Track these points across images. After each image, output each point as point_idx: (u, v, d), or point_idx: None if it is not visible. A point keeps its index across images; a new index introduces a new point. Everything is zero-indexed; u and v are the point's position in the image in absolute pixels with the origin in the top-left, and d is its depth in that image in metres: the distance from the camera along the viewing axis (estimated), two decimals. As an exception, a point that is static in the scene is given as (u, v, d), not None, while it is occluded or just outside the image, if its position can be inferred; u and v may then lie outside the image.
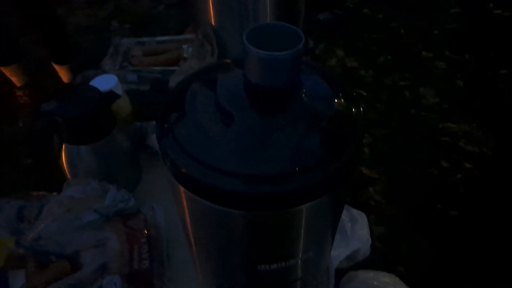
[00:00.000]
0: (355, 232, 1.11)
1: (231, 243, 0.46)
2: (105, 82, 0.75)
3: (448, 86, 1.81)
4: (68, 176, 0.73)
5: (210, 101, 0.43)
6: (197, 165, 0.39)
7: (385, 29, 2.13)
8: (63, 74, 1.54)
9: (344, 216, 1.11)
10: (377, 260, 1.25)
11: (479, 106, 1.73)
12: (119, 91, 0.75)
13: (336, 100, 0.42)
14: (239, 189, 0.38)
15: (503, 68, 1.88)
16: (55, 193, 0.74)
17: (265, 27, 0.39)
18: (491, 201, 1.38)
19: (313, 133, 0.40)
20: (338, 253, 1.07)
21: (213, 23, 0.77)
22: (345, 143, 0.40)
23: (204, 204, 0.41)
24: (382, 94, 1.79)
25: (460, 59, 1.95)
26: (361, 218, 1.12)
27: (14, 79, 1.57)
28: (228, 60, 0.52)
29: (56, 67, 1.56)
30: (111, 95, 0.69)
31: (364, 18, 2.21)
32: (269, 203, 0.39)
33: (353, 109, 0.43)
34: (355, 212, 1.12)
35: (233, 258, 0.48)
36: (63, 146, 0.70)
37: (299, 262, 0.49)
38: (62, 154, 0.71)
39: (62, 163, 0.72)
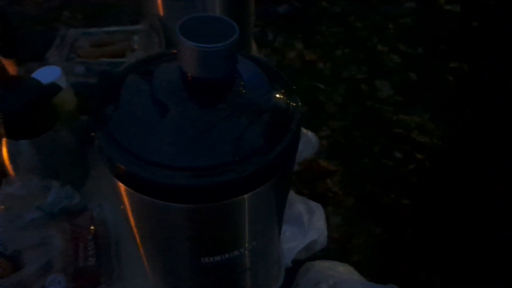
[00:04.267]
0: (312, 224, 1.14)
1: (173, 236, 0.45)
2: (48, 74, 0.72)
3: (401, 79, 1.88)
4: (10, 172, 0.70)
5: (147, 93, 0.42)
6: (134, 159, 0.38)
7: (343, 22, 2.16)
8: (10, 67, 1.46)
9: (302, 208, 1.12)
10: (333, 250, 1.28)
11: (431, 98, 1.80)
12: (63, 83, 0.72)
13: (273, 90, 0.43)
14: (178, 183, 0.38)
15: (452, 61, 1.96)
16: (-4, 190, 0.70)
17: (200, 18, 0.38)
18: (441, 190, 1.45)
19: (250, 123, 0.40)
20: (296, 244, 1.09)
21: (160, 13, 0.75)
22: (282, 132, 0.41)
23: (142, 198, 0.40)
24: (340, 87, 1.83)
25: (413, 52, 2.02)
26: (318, 210, 1.14)
27: None
28: (175, 51, 0.51)
29: (2, 60, 1.47)
30: (53, 88, 0.66)
31: (322, 11, 2.24)
32: (208, 195, 0.39)
33: (290, 97, 0.43)
34: (313, 204, 1.15)
35: (176, 252, 0.48)
36: (4, 140, 0.67)
37: (246, 252, 0.50)
38: (2, 149, 0.68)
39: (3, 158, 0.69)
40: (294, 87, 0.45)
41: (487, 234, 1.29)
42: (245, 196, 0.41)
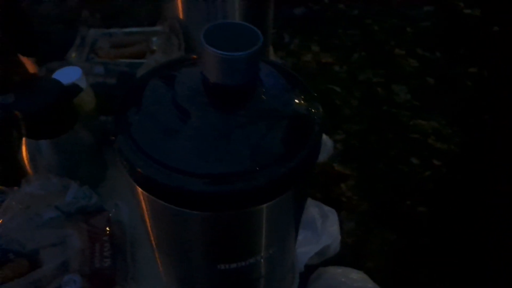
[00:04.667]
0: (326, 229, 1.13)
1: (189, 243, 0.45)
2: (68, 74, 0.73)
3: (419, 84, 1.85)
4: (29, 171, 0.71)
5: (168, 98, 0.42)
6: (154, 164, 0.38)
7: (360, 25, 2.15)
8: (30, 66, 1.49)
9: (315, 212, 1.12)
10: (346, 256, 1.27)
11: (449, 103, 1.77)
12: (83, 84, 0.73)
13: (294, 98, 0.42)
14: (199, 190, 0.37)
15: (472, 66, 1.93)
16: (16, 188, 0.71)
17: (224, 25, 0.38)
18: (458, 198, 1.42)
19: (271, 130, 0.39)
20: (309, 249, 1.08)
21: (180, 16, 0.75)
22: (304, 140, 0.40)
23: (162, 204, 0.40)
24: (355, 90, 1.81)
25: (431, 57, 1.99)
26: (332, 215, 1.13)
27: None
28: (195, 56, 0.51)
29: (23, 59, 1.50)
30: (73, 89, 0.67)
31: (339, 13, 2.22)
32: (229, 203, 0.39)
33: (312, 105, 0.43)
34: (326, 208, 1.14)
35: (193, 257, 0.48)
36: (23, 140, 0.68)
37: (261, 260, 0.49)
38: (22, 149, 0.69)
39: (22, 158, 0.70)
40: (316, 94, 0.45)
41: (506, 243, 1.27)
42: (263, 205, 0.41)
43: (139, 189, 0.42)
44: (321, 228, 1.13)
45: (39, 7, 2.09)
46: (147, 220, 0.48)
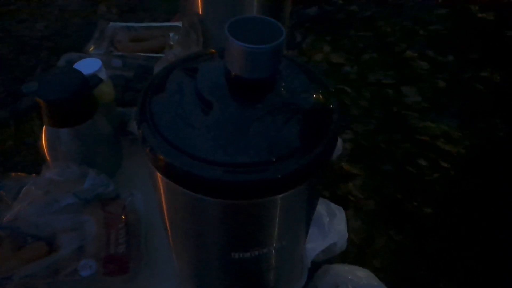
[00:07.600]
0: (333, 226, 1.13)
1: (206, 229, 0.47)
2: (89, 65, 0.74)
3: (429, 86, 1.85)
4: (48, 158, 0.73)
5: (190, 89, 0.43)
6: (176, 152, 0.40)
7: (372, 27, 2.15)
8: None
9: (323, 210, 1.13)
10: (352, 254, 1.28)
11: (459, 106, 1.77)
12: (103, 75, 0.74)
13: (313, 92, 0.43)
14: (217, 177, 0.39)
15: (484, 70, 1.93)
16: (34, 175, 0.73)
17: (247, 19, 0.39)
18: (465, 200, 1.43)
19: (290, 123, 0.41)
20: (315, 246, 1.09)
21: (200, 12, 0.77)
22: (321, 134, 0.41)
23: (181, 191, 0.42)
24: (365, 91, 1.81)
25: (443, 59, 1.98)
26: (339, 213, 1.14)
27: None
28: (213, 50, 0.52)
29: None
30: (94, 79, 0.69)
31: (352, 14, 2.23)
32: (245, 192, 0.40)
33: (330, 101, 0.44)
34: (334, 206, 1.14)
35: (208, 244, 0.49)
36: (44, 128, 0.70)
37: (273, 251, 0.51)
38: (42, 136, 0.71)
39: (42, 145, 0.72)
40: (333, 89, 0.46)
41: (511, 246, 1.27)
42: (278, 196, 0.42)
43: (160, 176, 0.43)
44: (328, 226, 1.14)
45: (61, 1, 2.11)
46: (165, 208, 0.49)
